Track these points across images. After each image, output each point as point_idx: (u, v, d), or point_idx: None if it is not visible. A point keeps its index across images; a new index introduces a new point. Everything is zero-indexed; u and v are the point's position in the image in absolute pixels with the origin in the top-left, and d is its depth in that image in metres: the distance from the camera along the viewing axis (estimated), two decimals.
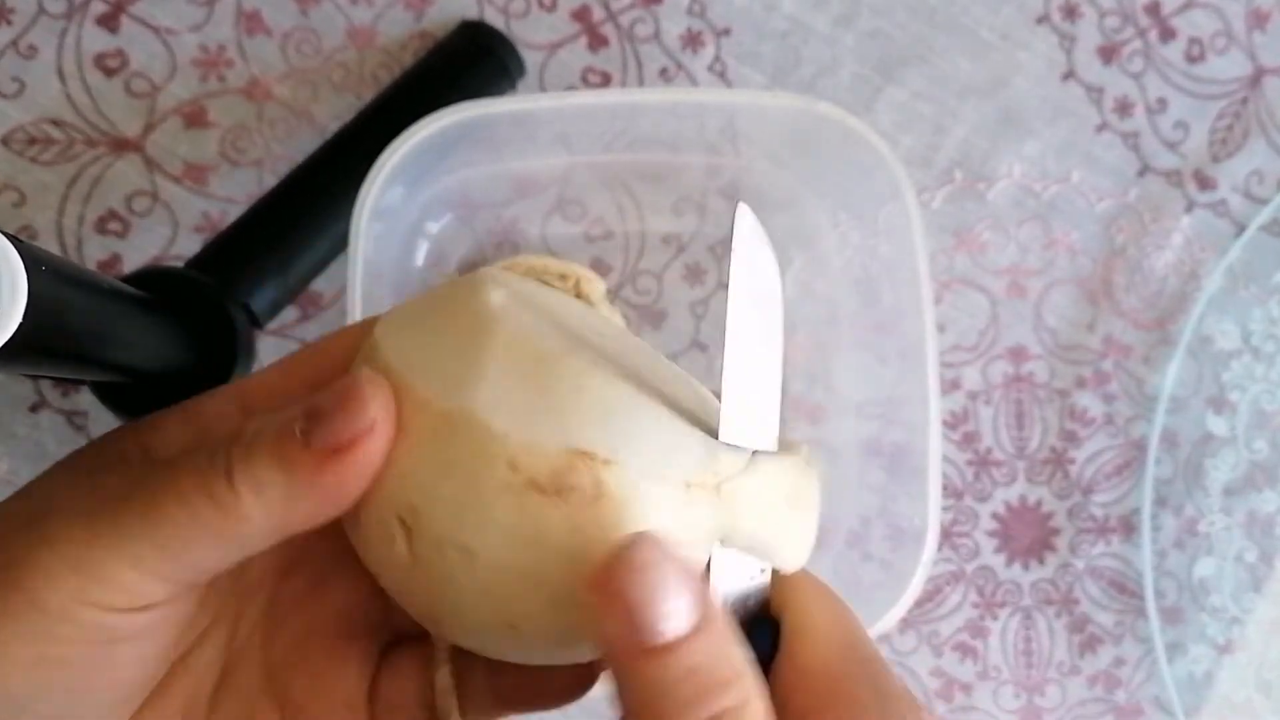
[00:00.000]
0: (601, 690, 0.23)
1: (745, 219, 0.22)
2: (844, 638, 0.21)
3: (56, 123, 0.45)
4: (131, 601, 0.20)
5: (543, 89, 0.47)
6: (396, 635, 0.25)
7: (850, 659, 0.21)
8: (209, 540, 0.20)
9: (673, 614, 0.18)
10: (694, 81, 0.48)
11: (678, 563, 0.19)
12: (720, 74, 0.48)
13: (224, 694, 0.23)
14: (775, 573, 0.23)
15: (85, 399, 0.45)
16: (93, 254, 0.45)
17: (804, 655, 0.21)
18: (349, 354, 0.23)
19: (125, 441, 0.23)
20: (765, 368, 0.22)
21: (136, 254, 0.46)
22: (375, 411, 0.20)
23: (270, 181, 0.45)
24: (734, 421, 0.21)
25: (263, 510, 0.20)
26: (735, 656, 0.19)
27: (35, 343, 0.24)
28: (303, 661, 0.24)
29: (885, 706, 0.20)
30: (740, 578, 0.22)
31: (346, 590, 0.25)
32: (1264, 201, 0.50)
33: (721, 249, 0.48)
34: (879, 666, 0.21)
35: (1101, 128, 0.49)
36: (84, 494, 0.21)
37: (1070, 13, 0.49)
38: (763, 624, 0.22)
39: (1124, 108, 0.49)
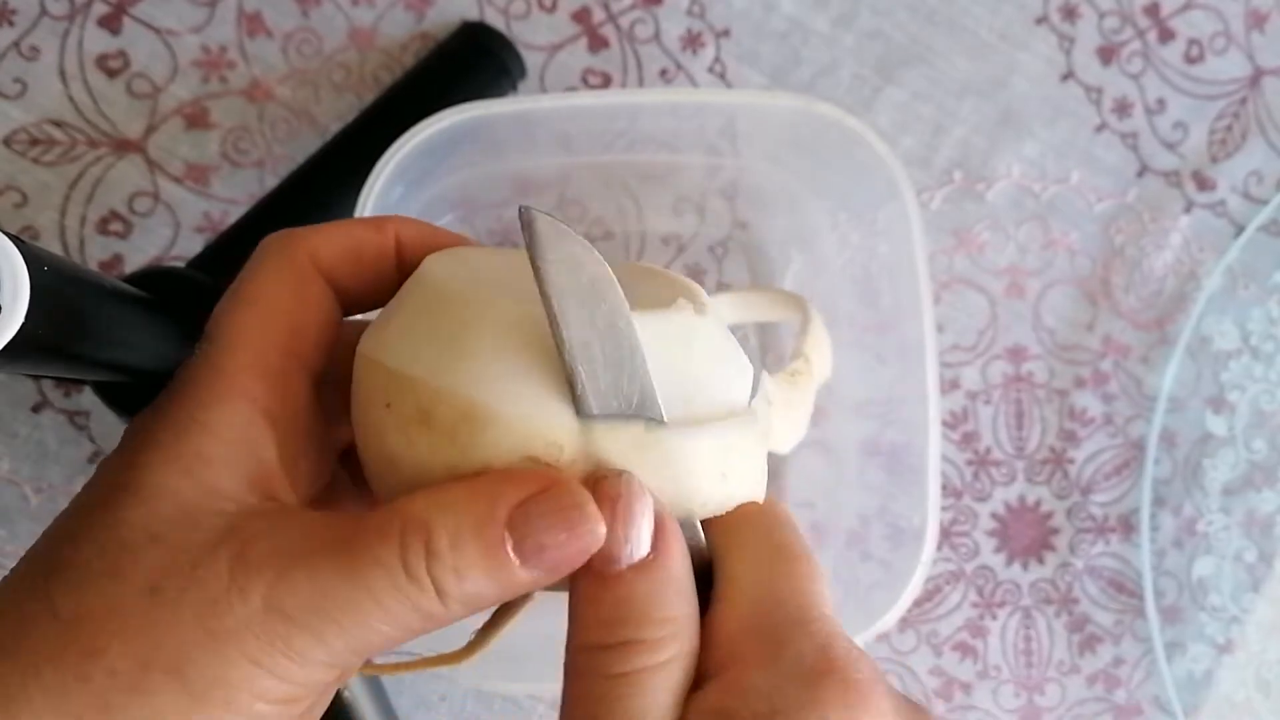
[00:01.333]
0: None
1: (531, 215, 0.21)
2: (760, 593, 0.21)
3: (58, 123, 0.45)
4: (321, 690, 0.21)
5: (543, 90, 0.47)
6: None
7: (759, 616, 0.21)
8: (405, 636, 0.21)
9: (634, 540, 0.20)
10: (694, 82, 0.48)
11: (641, 495, 0.21)
12: (720, 75, 0.48)
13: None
14: (708, 521, 0.23)
15: (87, 399, 0.45)
16: (94, 254, 0.46)
17: (720, 611, 0.21)
18: (296, 305, 0.24)
19: (195, 493, 0.22)
20: (616, 333, 0.21)
21: (138, 254, 0.46)
22: (600, 526, 0.20)
23: (271, 182, 0.45)
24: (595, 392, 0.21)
25: (469, 611, 0.21)
26: (671, 598, 0.21)
27: (37, 343, 0.24)
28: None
29: (777, 668, 0.20)
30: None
31: None
32: (1263, 202, 0.50)
33: (721, 249, 0.48)
34: (790, 630, 0.21)
35: (1100, 128, 0.49)
36: (260, 601, 0.20)
37: (1069, 13, 0.49)
38: (705, 572, 0.22)
39: (1123, 108, 0.49)
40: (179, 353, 0.35)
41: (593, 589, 0.21)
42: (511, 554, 0.20)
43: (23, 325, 0.23)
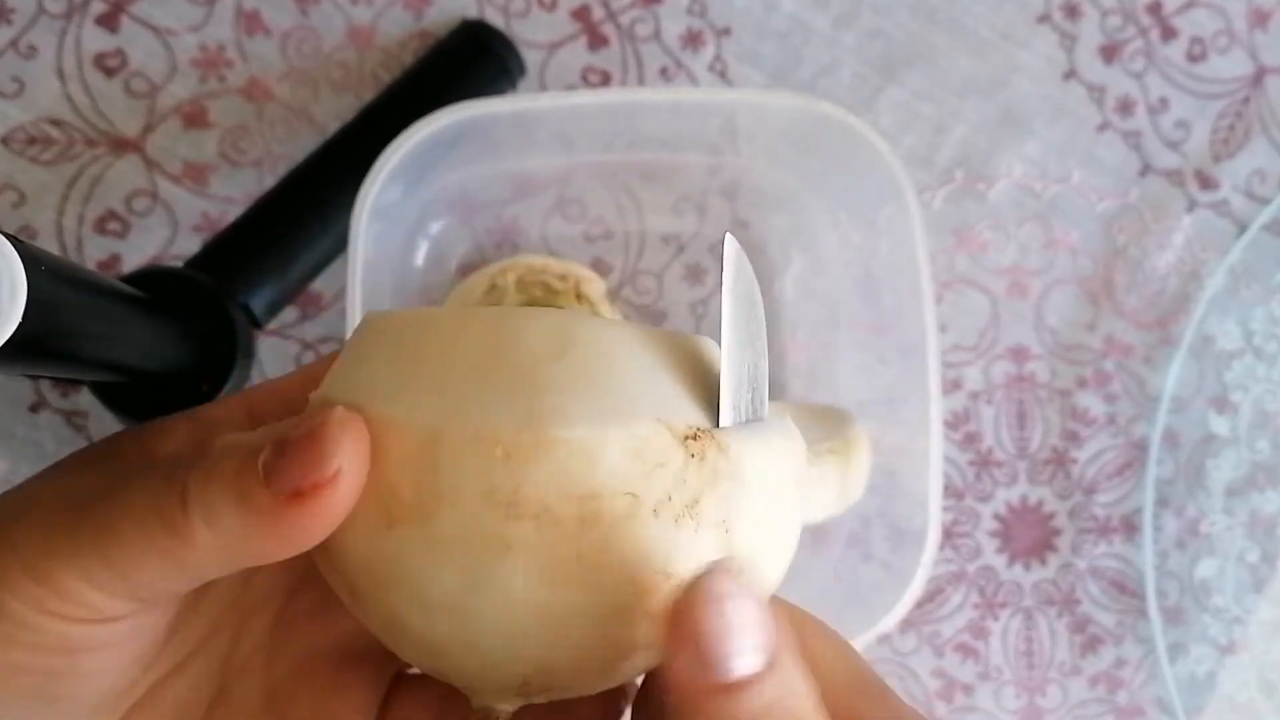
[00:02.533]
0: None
1: (732, 246, 0.21)
2: (850, 672, 0.20)
3: (56, 122, 0.45)
4: (89, 614, 0.19)
5: (543, 88, 0.47)
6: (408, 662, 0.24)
7: (859, 692, 0.20)
8: (159, 562, 0.19)
9: (747, 650, 0.17)
10: (694, 81, 0.48)
11: (753, 594, 0.18)
12: (720, 73, 0.48)
13: (220, 710, 0.23)
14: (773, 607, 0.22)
15: (85, 399, 0.45)
16: (92, 254, 0.45)
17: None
18: None
19: (124, 442, 0.23)
20: (757, 361, 0.21)
21: (136, 254, 0.45)
22: (342, 457, 0.18)
23: (270, 181, 0.45)
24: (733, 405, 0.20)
25: (215, 541, 0.19)
26: (804, 694, 0.18)
27: (35, 343, 0.24)
28: (306, 684, 0.23)
29: None
30: None
31: None
32: (1266, 201, 0.50)
33: (722, 249, 0.48)
34: (890, 698, 0.20)
35: (1103, 127, 0.49)
36: (55, 497, 0.20)
37: (1071, 12, 0.49)
38: None
39: (1125, 107, 0.49)
40: (177, 353, 0.35)
41: (708, 700, 0.17)
42: (260, 466, 0.18)
43: (20, 325, 0.22)
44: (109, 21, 0.45)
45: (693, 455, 0.18)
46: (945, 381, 0.48)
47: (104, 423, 0.45)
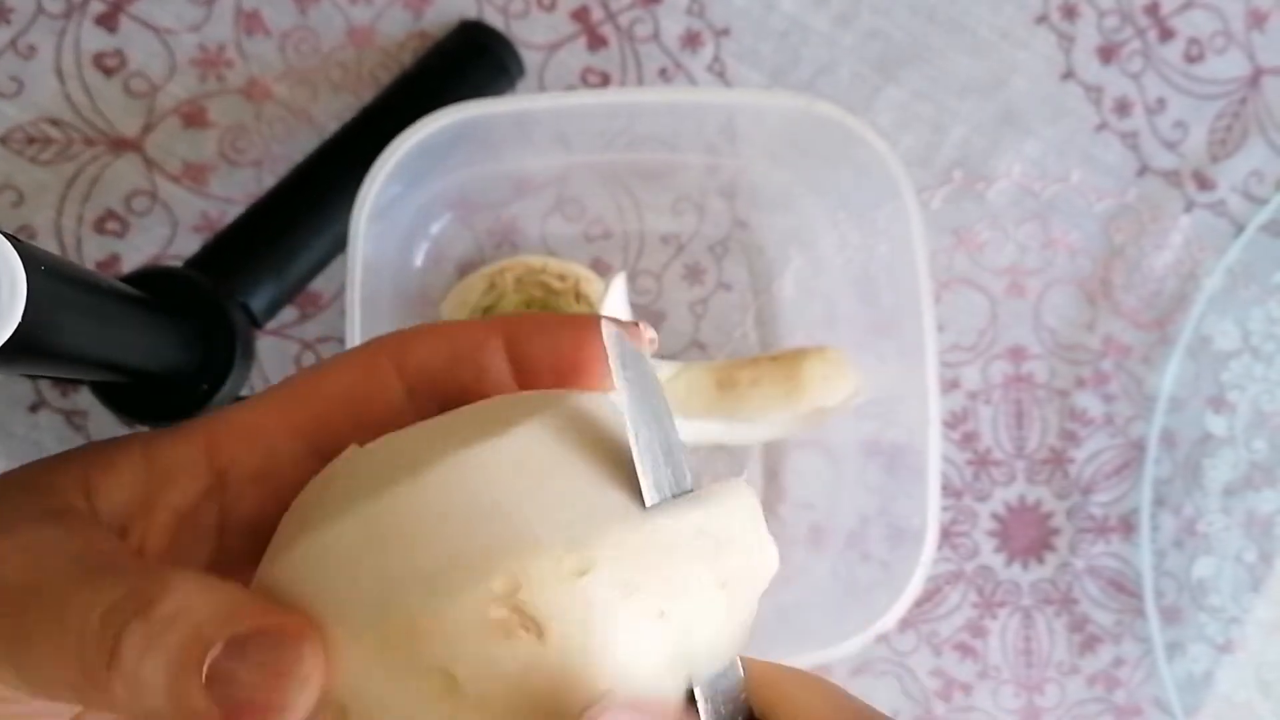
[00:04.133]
0: None
1: (610, 330, 0.19)
2: (841, 714, 0.19)
3: (55, 122, 0.45)
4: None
5: (542, 89, 0.47)
6: None
7: None
8: (66, 692, 0.18)
9: None
10: (693, 81, 0.48)
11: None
12: (719, 74, 0.48)
13: None
14: (747, 671, 0.20)
15: (84, 399, 0.45)
16: (92, 254, 0.45)
17: None
18: (345, 391, 0.21)
19: (67, 476, 0.20)
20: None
21: (135, 254, 0.46)
22: (303, 701, 0.17)
23: (269, 181, 0.45)
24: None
25: (125, 705, 0.17)
26: None
27: (34, 342, 0.24)
28: None
29: None
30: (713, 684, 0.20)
31: None
32: (1263, 201, 0.50)
33: (721, 249, 0.48)
34: None
35: (1101, 127, 0.49)
36: None
37: (1069, 13, 0.49)
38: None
39: (1123, 107, 0.49)
40: (177, 353, 0.35)
41: None
42: (207, 663, 0.16)
43: (20, 325, 0.23)
44: (108, 21, 0.45)
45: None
46: (943, 381, 0.49)
47: (104, 422, 0.45)
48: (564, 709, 0.17)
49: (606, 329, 0.19)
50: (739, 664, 0.20)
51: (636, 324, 0.21)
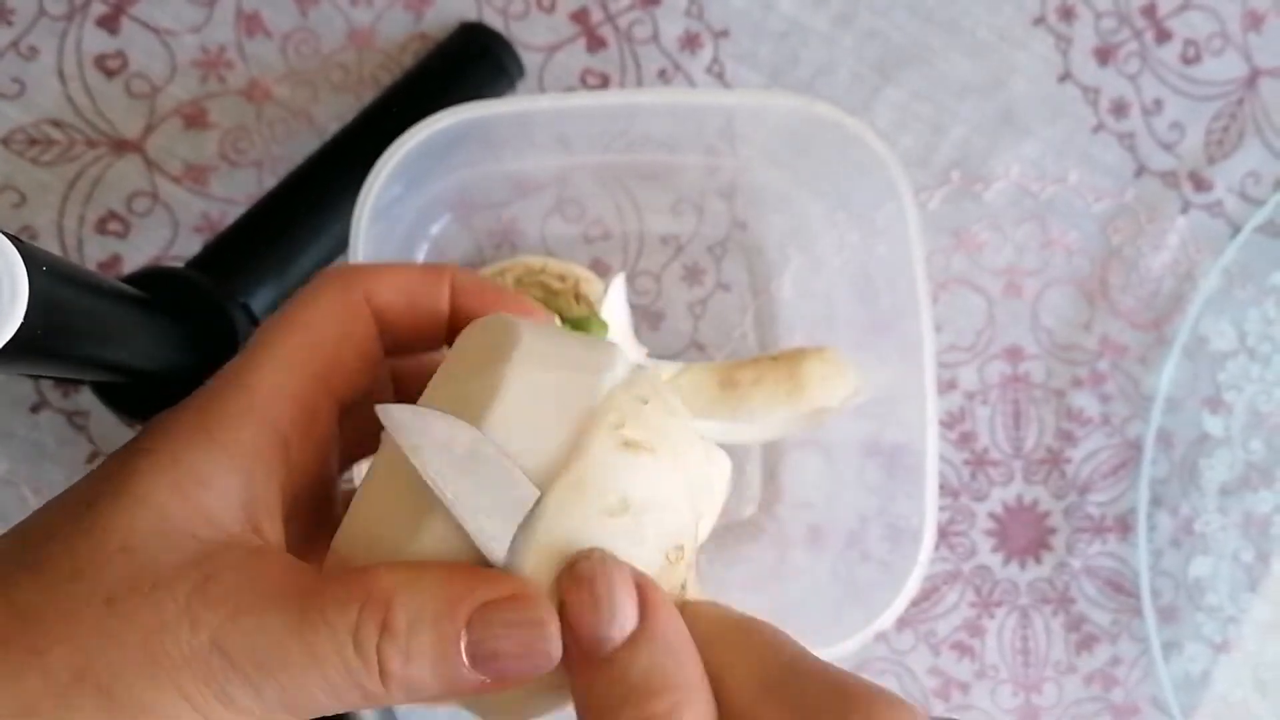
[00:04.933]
0: None
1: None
2: (761, 670, 0.20)
3: (57, 124, 0.45)
4: None
5: (542, 90, 0.47)
6: None
7: (768, 674, 0.20)
8: (342, 707, 0.20)
9: (616, 624, 0.20)
10: (692, 82, 0.48)
11: (622, 571, 0.20)
12: (718, 75, 0.48)
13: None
14: (691, 621, 0.22)
15: (85, 399, 0.45)
16: (93, 254, 0.46)
17: (724, 681, 0.20)
18: (339, 335, 0.23)
19: (184, 513, 0.21)
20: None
21: (137, 254, 0.46)
22: (556, 654, 0.20)
23: (270, 182, 0.45)
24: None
25: (410, 699, 0.20)
26: (670, 667, 0.20)
27: (36, 343, 0.24)
28: None
29: (803, 715, 0.19)
30: None
31: None
32: (1260, 202, 0.50)
33: (720, 249, 0.48)
34: (805, 683, 0.20)
35: (1098, 128, 0.49)
36: (209, 637, 0.19)
37: (1067, 14, 0.49)
38: None
39: (1120, 109, 0.49)
40: (177, 353, 0.35)
41: (590, 675, 0.20)
42: (464, 653, 0.19)
43: (21, 325, 0.23)
44: (109, 23, 0.46)
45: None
46: (941, 381, 0.49)
47: (105, 423, 0.45)
48: None
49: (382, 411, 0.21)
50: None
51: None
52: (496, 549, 0.20)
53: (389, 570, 0.20)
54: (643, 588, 0.20)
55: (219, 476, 0.21)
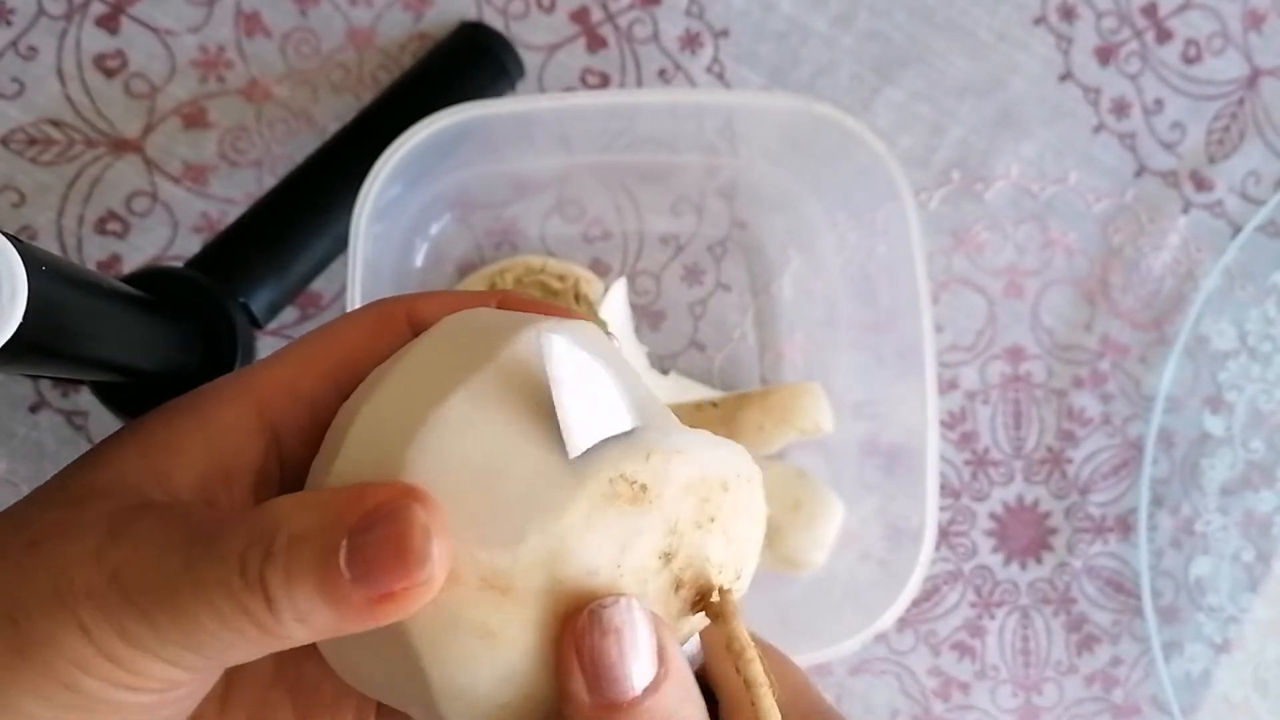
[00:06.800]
0: None
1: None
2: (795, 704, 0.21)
3: (56, 123, 0.45)
4: (164, 687, 0.20)
5: (542, 90, 0.47)
6: None
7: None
8: (249, 649, 0.20)
9: (636, 673, 0.20)
10: (692, 82, 0.48)
11: (645, 619, 0.20)
12: (718, 75, 0.48)
13: (236, 686, 0.23)
14: (703, 640, 0.22)
15: (85, 399, 0.45)
16: (92, 254, 0.46)
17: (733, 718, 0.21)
18: (366, 342, 0.23)
19: (135, 469, 0.22)
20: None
21: (136, 254, 0.46)
22: (433, 565, 0.19)
23: (270, 182, 0.45)
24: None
25: (307, 631, 0.19)
26: (686, 713, 0.20)
27: (35, 343, 0.24)
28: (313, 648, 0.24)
29: None
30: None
31: None
32: (1260, 202, 0.50)
33: (720, 249, 0.48)
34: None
35: (1099, 128, 0.49)
36: (110, 572, 0.19)
37: (1067, 14, 0.49)
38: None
39: (1121, 108, 0.49)
40: (177, 353, 0.35)
41: (610, 717, 0.20)
42: (343, 565, 0.18)
43: (20, 325, 0.23)
44: (109, 22, 0.46)
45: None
46: (942, 381, 0.49)
47: (104, 422, 0.45)
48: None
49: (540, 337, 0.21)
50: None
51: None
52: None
53: (288, 498, 0.20)
54: (661, 637, 0.20)
55: (188, 447, 0.21)
